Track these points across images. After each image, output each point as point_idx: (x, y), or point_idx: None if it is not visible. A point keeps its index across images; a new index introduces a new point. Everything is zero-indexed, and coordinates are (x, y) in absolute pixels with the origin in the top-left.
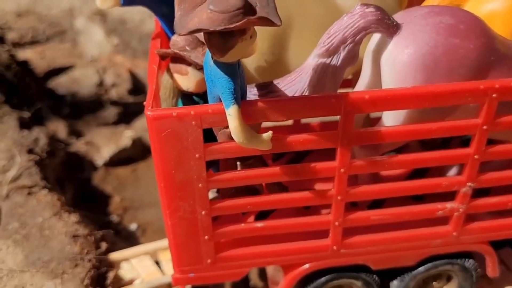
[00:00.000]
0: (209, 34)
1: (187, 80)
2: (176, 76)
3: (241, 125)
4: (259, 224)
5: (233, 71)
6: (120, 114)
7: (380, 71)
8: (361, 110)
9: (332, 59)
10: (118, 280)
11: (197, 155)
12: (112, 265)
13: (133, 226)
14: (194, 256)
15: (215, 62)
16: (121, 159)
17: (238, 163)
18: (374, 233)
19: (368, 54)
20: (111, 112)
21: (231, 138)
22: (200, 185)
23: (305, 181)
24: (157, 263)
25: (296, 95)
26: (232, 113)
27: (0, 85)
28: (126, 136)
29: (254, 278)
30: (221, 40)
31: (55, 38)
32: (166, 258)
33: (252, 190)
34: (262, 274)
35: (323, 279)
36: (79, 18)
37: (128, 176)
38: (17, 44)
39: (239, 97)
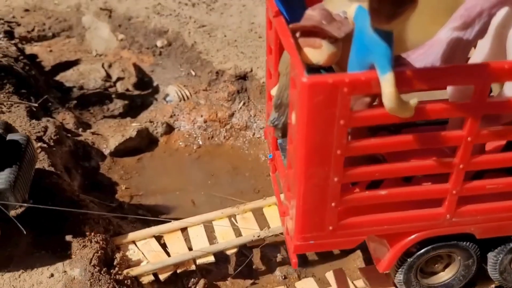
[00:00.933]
0: (380, 1)
1: (319, 53)
2: (306, 49)
3: (396, 91)
4: (383, 192)
5: (391, 39)
6: (126, 107)
7: (506, 45)
8: (498, 79)
9: (466, 33)
10: (124, 262)
11: (341, 122)
12: (119, 248)
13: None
14: (317, 223)
15: (376, 30)
16: (127, 150)
17: None
18: (484, 203)
19: (492, 28)
20: (117, 105)
21: (369, 107)
22: (338, 151)
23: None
24: (162, 246)
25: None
26: (389, 79)
27: (9, 76)
28: (132, 127)
29: (257, 263)
30: (391, 7)
31: (62, 34)
32: (171, 241)
33: (374, 159)
34: (264, 258)
35: (429, 247)
36: (85, 14)
37: (133, 165)
38: (25, 39)
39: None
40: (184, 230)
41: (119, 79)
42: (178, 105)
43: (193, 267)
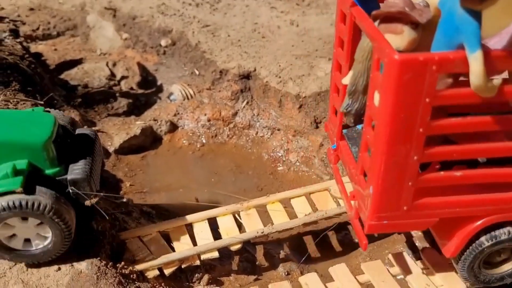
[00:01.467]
0: None
1: (400, 39)
2: (388, 36)
3: (484, 69)
4: (458, 173)
5: (480, 20)
6: (130, 105)
7: None
8: None
9: None
10: (130, 256)
11: (427, 100)
12: (125, 242)
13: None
14: (393, 203)
15: (467, 10)
16: (131, 147)
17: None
18: None
19: None
20: (121, 103)
21: (451, 87)
22: (420, 129)
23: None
24: (167, 241)
25: None
26: (478, 57)
27: (15, 74)
28: (136, 125)
29: (260, 259)
30: None
31: (66, 33)
32: (175, 236)
33: (448, 142)
34: (267, 254)
35: (499, 232)
36: (90, 13)
37: (137, 163)
38: (30, 38)
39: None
40: (188, 226)
41: (123, 77)
42: (182, 104)
43: (198, 262)
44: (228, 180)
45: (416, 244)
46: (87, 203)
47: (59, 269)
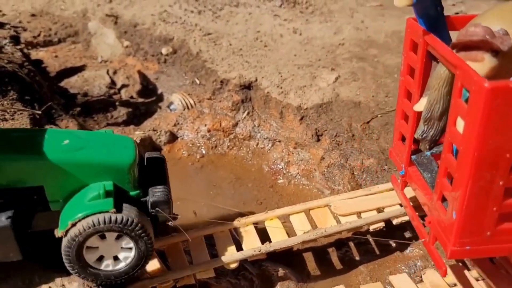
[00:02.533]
0: None
1: (480, 66)
2: (468, 63)
3: None
4: None
5: None
6: (130, 115)
7: None
8: None
9: None
10: None
11: None
12: None
13: None
14: (476, 228)
15: None
16: None
17: None
18: None
19: None
20: (120, 112)
21: None
22: (508, 155)
23: None
24: (162, 258)
25: None
26: None
27: (13, 83)
28: (135, 135)
29: (258, 278)
30: None
31: (67, 39)
32: (171, 254)
33: None
34: (265, 272)
35: None
36: (92, 20)
37: None
38: (30, 44)
39: None
40: (184, 242)
41: (123, 86)
42: (182, 114)
43: (193, 281)
44: (227, 193)
45: (418, 264)
46: (170, 224)
47: None
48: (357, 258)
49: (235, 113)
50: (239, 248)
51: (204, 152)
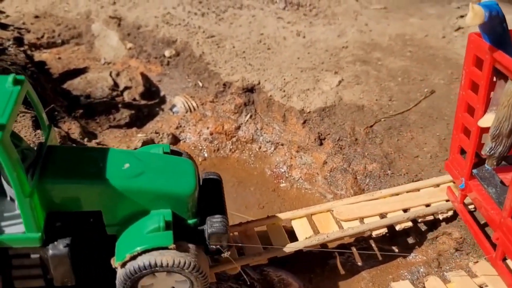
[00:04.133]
0: None
1: None
2: None
3: None
4: None
5: None
6: (132, 117)
7: None
8: None
9: None
10: None
11: None
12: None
13: None
14: None
15: None
16: None
17: None
18: None
19: None
20: (123, 115)
21: None
22: None
23: None
24: None
25: None
26: None
27: None
28: (137, 138)
29: (259, 283)
30: None
31: (71, 41)
32: None
33: None
34: (267, 278)
35: None
36: (95, 21)
37: None
38: (34, 46)
39: None
40: None
41: (126, 88)
42: (185, 116)
43: None
44: (229, 196)
45: (421, 270)
46: (224, 255)
47: None
48: (359, 264)
49: (237, 116)
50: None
51: (206, 155)
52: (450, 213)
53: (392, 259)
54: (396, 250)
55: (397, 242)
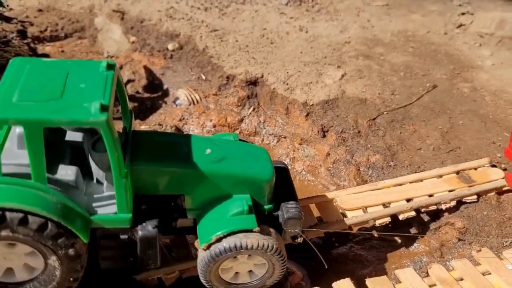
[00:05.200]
0: None
1: None
2: None
3: None
4: None
5: None
6: (135, 109)
7: None
8: None
9: None
10: None
11: None
12: None
13: None
14: None
15: None
16: None
17: None
18: None
19: None
20: None
21: None
22: None
23: None
24: (167, 250)
25: None
26: None
27: None
28: (141, 130)
29: None
30: None
31: (74, 35)
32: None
33: None
34: None
35: None
36: (98, 15)
37: None
38: (37, 39)
39: None
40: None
41: (129, 81)
42: (188, 109)
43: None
44: None
45: (423, 260)
46: (298, 241)
47: None
48: (362, 253)
49: (240, 109)
50: None
51: None
52: (453, 203)
53: (395, 249)
54: (399, 241)
55: (400, 231)
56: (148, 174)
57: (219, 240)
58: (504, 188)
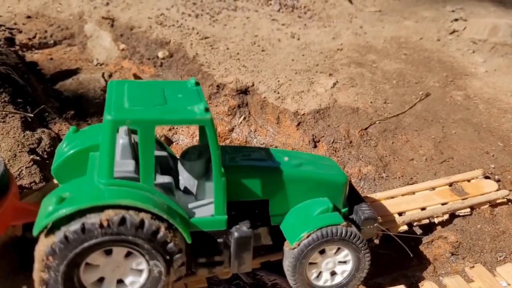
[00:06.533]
0: None
1: None
2: None
3: None
4: None
5: None
6: None
7: None
8: None
9: None
10: None
11: None
12: None
13: None
14: None
15: None
16: None
17: None
18: None
19: None
20: None
21: None
22: None
23: None
24: None
25: None
26: None
27: (6, 85)
28: None
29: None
30: None
31: (63, 42)
32: None
33: None
34: (259, 282)
35: None
36: (88, 22)
37: None
38: (25, 46)
39: None
40: None
41: None
42: None
43: None
44: None
45: (416, 274)
46: (376, 241)
47: None
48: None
49: (231, 118)
50: None
51: None
52: (446, 216)
53: (386, 263)
54: (391, 254)
55: (393, 246)
56: (238, 177)
57: (309, 236)
58: (498, 201)
